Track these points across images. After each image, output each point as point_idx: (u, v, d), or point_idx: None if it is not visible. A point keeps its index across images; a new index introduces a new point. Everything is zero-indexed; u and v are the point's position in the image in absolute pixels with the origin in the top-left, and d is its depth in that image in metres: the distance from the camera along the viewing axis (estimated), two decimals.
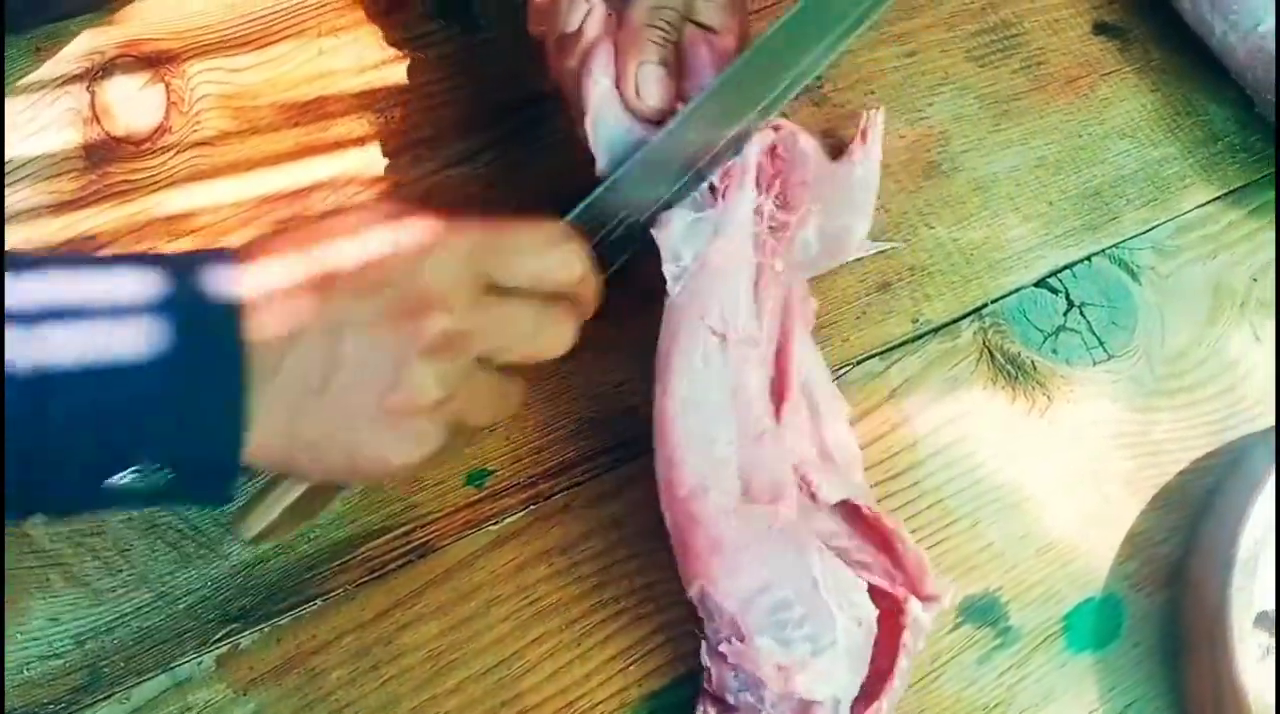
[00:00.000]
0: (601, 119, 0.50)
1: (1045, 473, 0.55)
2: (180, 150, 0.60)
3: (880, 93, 0.63)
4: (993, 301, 0.58)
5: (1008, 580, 0.53)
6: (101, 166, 0.60)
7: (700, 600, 0.46)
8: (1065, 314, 0.58)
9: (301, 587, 0.52)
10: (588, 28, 0.51)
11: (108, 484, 0.37)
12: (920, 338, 0.58)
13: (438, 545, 0.53)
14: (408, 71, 0.63)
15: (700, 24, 0.51)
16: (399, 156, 0.61)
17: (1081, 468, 0.55)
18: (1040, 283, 0.59)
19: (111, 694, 0.50)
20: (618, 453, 0.54)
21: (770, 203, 0.50)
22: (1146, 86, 0.64)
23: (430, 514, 0.54)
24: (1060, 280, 0.59)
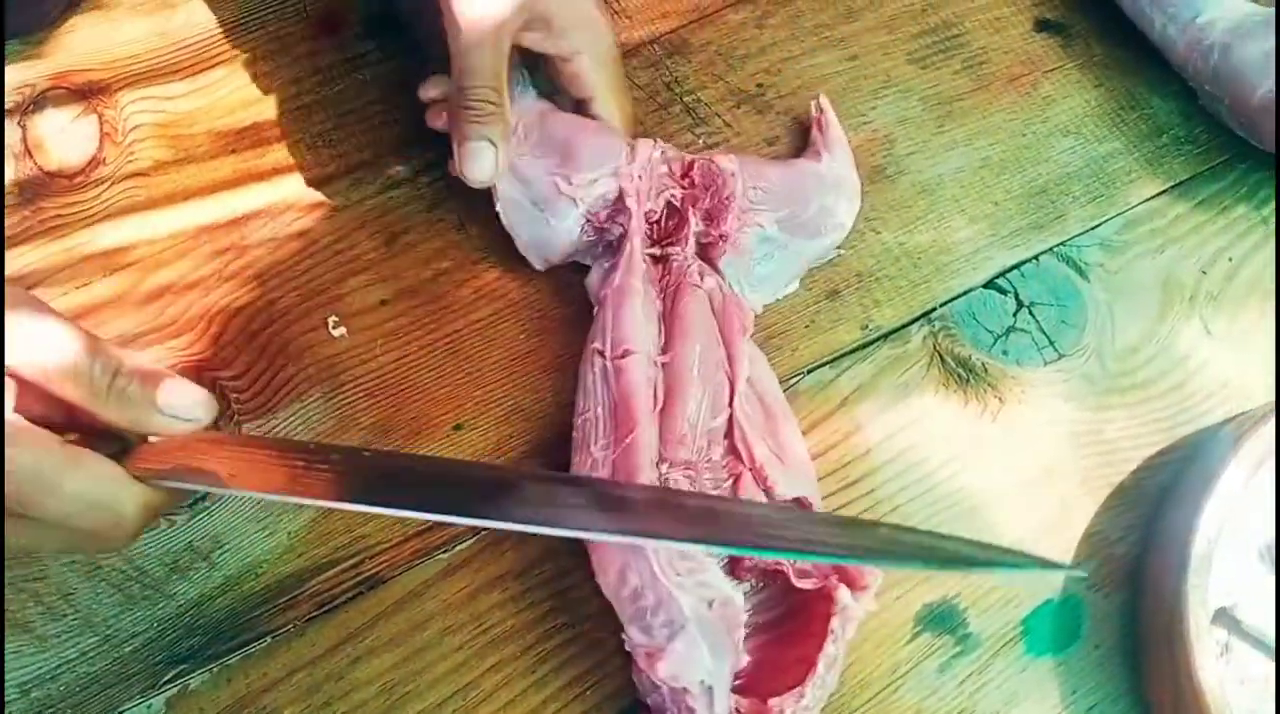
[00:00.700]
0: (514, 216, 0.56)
1: (1000, 476, 0.55)
2: (115, 182, 0.59)
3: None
4: (942, 305, 0.58)
5: (965, 586, 0.53)
6: (35, 202, 0.59)
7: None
8: (1015, 315, 0.58)
9: (250, 624, 0.51)
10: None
11: None
12: (870, 344, 0.57)
13: (388, 576, 0.52)
14: (344, 94, 0.62)
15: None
16: (339, 180, 0.60)
17: (1036, 469, 0.55)
18: (989, 284, 0.59)
19: None
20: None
21: (697, 225, 0.54)
22: (1089, 82, 0.64)
23: (379, 545, 0.53)
24: (1009, 281, 0.59)
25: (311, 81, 0.62)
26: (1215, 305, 0.58)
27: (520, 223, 0.56)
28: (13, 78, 0.62)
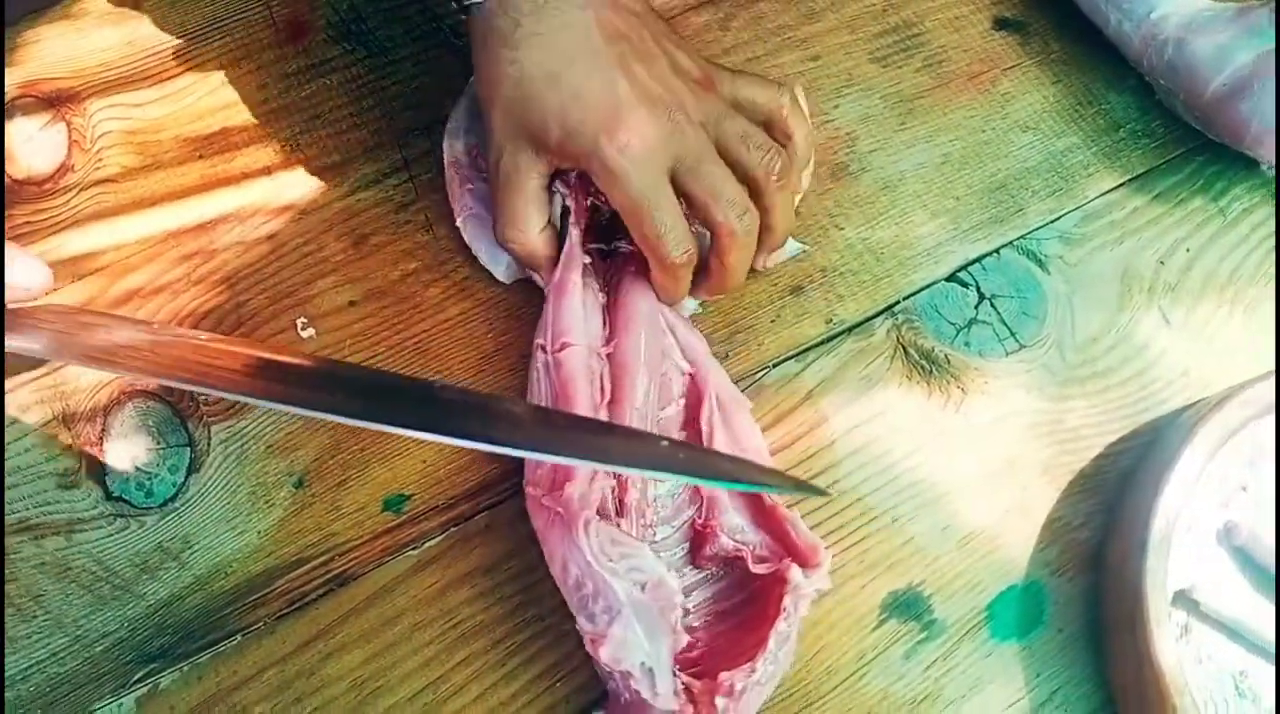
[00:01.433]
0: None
1: (963, 465, 0.55)
2: (84, 188, 0.60)
3: None
4: (904, 298, 0.59)
5: (930, 574, 0.53)
6: (3, 210, 0.59)
7: None
8: (976, 307, 0.59)
9: (220, 623, 0.51)
10: None
11: None
12: (834, 338, 0.58)
13: (358, 573, 0.52)
14: (311, 98, 0.63)
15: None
16: (306, 183, 0.60)
17: (999, 458, 0.55)
18: (951, 277, 0.59)
19: None
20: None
21: None
22: (1048, 79, 0.65)
23: (348, 542, 0.53)
24: (970, 274, 0.59)
25: (279, 87, 0.63)
26: (1173, 295, 0.59)
27: (479, 238, 0.57)
28: None
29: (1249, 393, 0.52)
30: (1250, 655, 0.50)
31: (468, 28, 0.53)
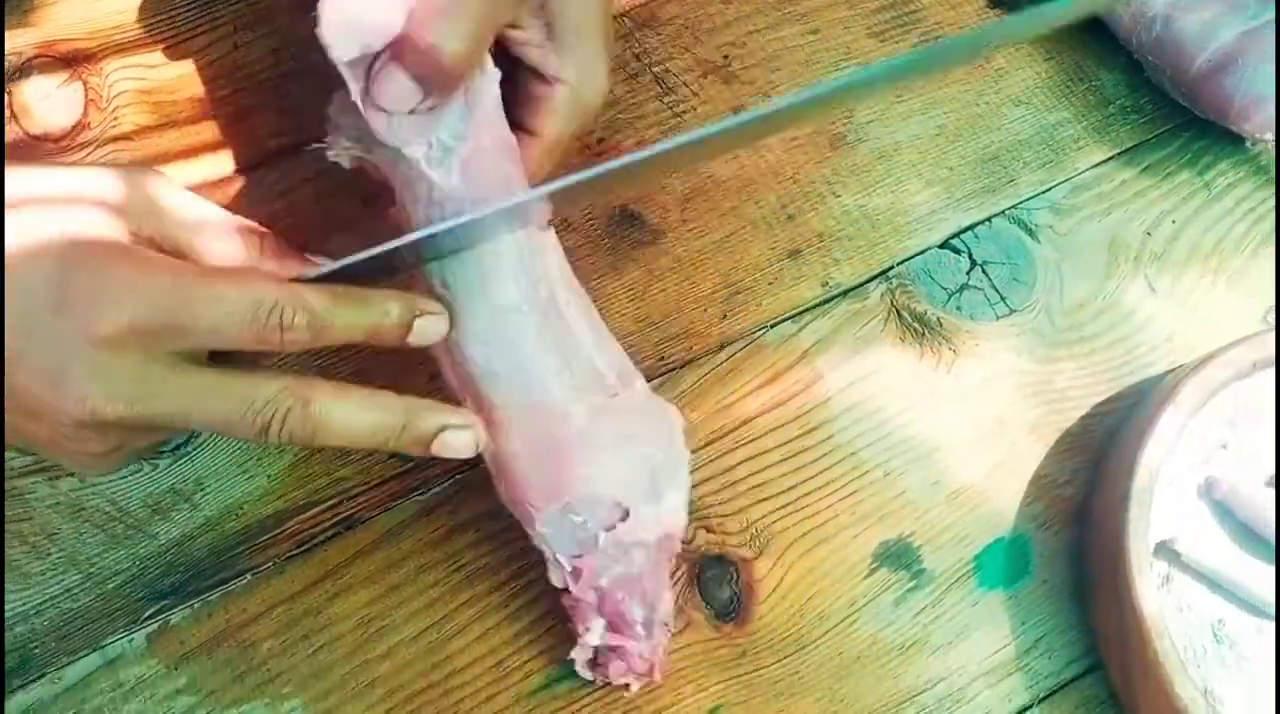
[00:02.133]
0: None
1: (953, 423, 0.57)
2: (99, 145, 0.61)
3: (785, 69, 0.65)
4: (899, 263, 0.60)
5: (920, 526, 0.55)
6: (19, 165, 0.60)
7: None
8: (968, 273, 0.60)
9: (230, 562, 0.53)
10: None
11: None
12: (831, 300, 0.60)
13: (365, 517, 0.54)
14: (325, 63, 0.64)
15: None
16: (318, 144, 0.61)
17: (988, 417, 0.57)
18: (944, 244, 0.61)
19: (43, 675, 0.51)
20: None
21: None
22: (1040, 56, 0.66)
23: (356, 487, 0.55)
24: (963, 241, 0.61)
25: (291, 51, 0.64)
26: (1159, 265, 0.61)
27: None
28: None
29: (1230, 354, 0.54)
30: (1229, 605, 0.51)
31: None
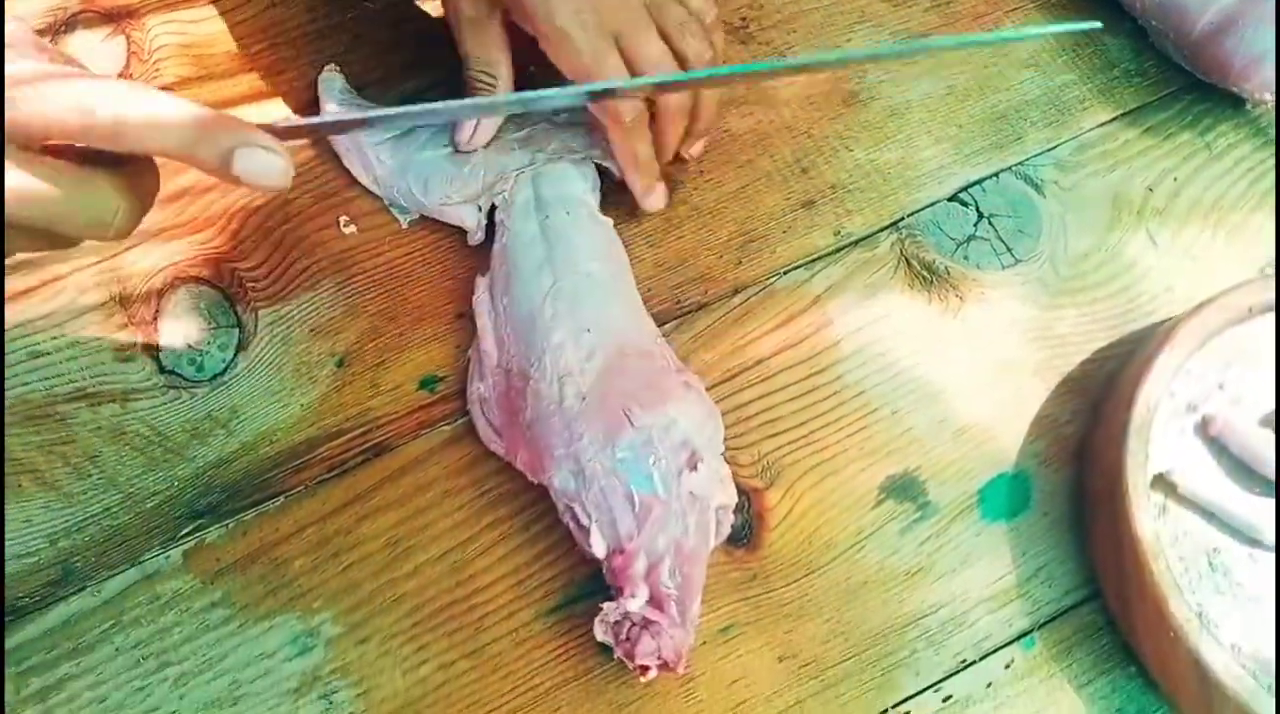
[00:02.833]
0: None
1: (960, 365, 0.59)
2: None
3: (802, 31, 0.67)
4: (909, 215, 0.63)
5: (926, 461, 0.57)
6: None
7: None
8: (976, 224, 0.62)
9: (264, 485, 0.55)
10: None
11: None
12: (842, 249, 0.62)
13: (394, 445, 0.56)
14: (355, 21, 0.67)
15: None
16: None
17: (993, 360, 0.59)
18: (952, 197, 0.63)
19: (84, 587, 0.53)
20: None
21: None
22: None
23: (385, 416, 0.57)
24: (970, 195, 0.63)
25: (324, 9, 0.67)
26: (1160, 219, 0.63)
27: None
28: (45, 1, 0.66)
29: (1227, 298, 0.56)
30: (1223, 535, 0.53)
31: None
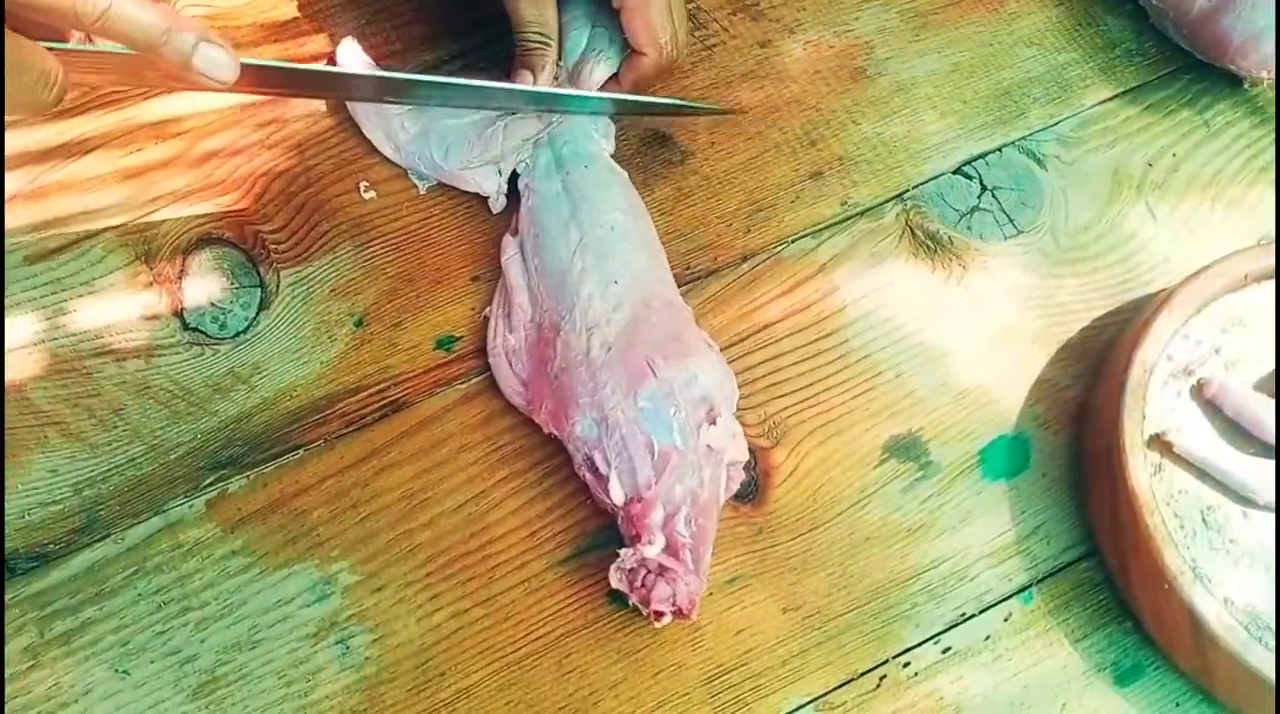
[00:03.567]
0: None
1: (962, 331, 0.61)
2: None
3: (810, 7, 0.69)
4: (914, 187, 0.64)
5: (928, 422, 0.58)
6: None
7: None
8: (979, 197, 0.64)
9: (285, 438, 0.57)
10: None
11: None
12: (848, 219, 0.63)
13: (411, 402, 0.58)
14: None
15: None
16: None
17: (994, 327, 0.61)
18: (956, 170, 0.65)
19: (107, 535, 0.55)
20: None
21: None
22: (1051, 1, 0.70)
23: (403, 374, 0.58)
24: (974, 168, 0.65)
25: None
26: (1159, 193, 0.65)
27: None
28: None
29: (1222, 266, 0.57)
30: (1217, 494, 0.55)
31: None
